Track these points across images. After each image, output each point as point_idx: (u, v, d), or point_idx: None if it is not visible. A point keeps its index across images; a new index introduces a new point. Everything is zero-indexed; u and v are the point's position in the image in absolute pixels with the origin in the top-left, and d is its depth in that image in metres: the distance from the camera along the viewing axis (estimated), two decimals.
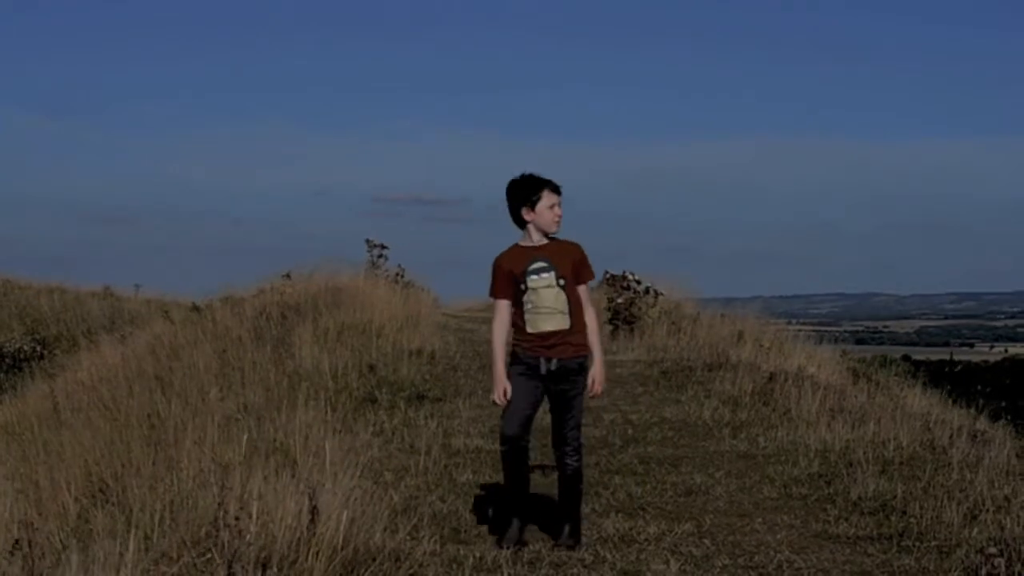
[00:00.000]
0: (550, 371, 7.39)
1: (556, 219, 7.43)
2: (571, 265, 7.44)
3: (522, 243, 7.51)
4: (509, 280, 7.42)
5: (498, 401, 7.45)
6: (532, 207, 7.39)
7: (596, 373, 7.54)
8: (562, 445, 7.57)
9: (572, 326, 7.41)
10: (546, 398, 7.55)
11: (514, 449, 7.47)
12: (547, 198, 7.40)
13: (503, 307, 7.47)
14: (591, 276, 7.65)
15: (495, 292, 7.51)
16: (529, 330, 7.39)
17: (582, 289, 7.52)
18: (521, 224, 7.48)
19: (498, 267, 7.50)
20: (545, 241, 7.46)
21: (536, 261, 7.40)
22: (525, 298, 7.38)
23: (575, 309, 7.44)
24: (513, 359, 7.47)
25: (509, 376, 7.42)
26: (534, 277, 7.37)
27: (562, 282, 7.38)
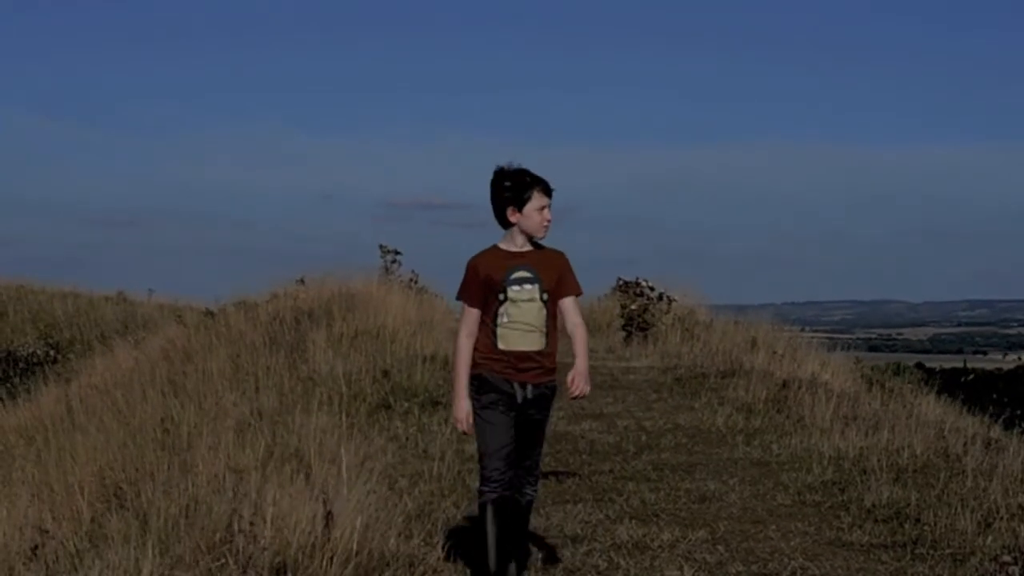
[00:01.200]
0: (526, 399, 6.53)
1: (545, 224, 6.55)
2: (556, 277, 6.56)
3: (502, 245, 6.60)
4: (485, 287, 6.51)
5: (461, 428, 6.60)
6: (519, 207, 6.49)
7: (579, 372, 6.52)
8: (524, 475, 6.66)
9: (547, 346, 6.54)
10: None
11: (500, 494, 6.54)
12: (537, 199, 6.50)
13: (473, 317, 6.56)
14: (577, 290, 6.69)
15: (466, 298, 6.59)
16: (501, 346, 6.49)
17: (567, 302, 6.60)
18: (504, 224, 6.58)
19: (473, 270, 6.58)
20: (529, 247, 6.58)
21: (518, 269, 6.51)
22: (501, 310, 6.48)
23: (552, 328, 6.56)
24: (480, 384, 6.54)
25: (476, 405, 6.54)
26: (516, 288, 6.48)
27: (545, 296, 6.50)
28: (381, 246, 22.25)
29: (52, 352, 26.09)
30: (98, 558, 6.61)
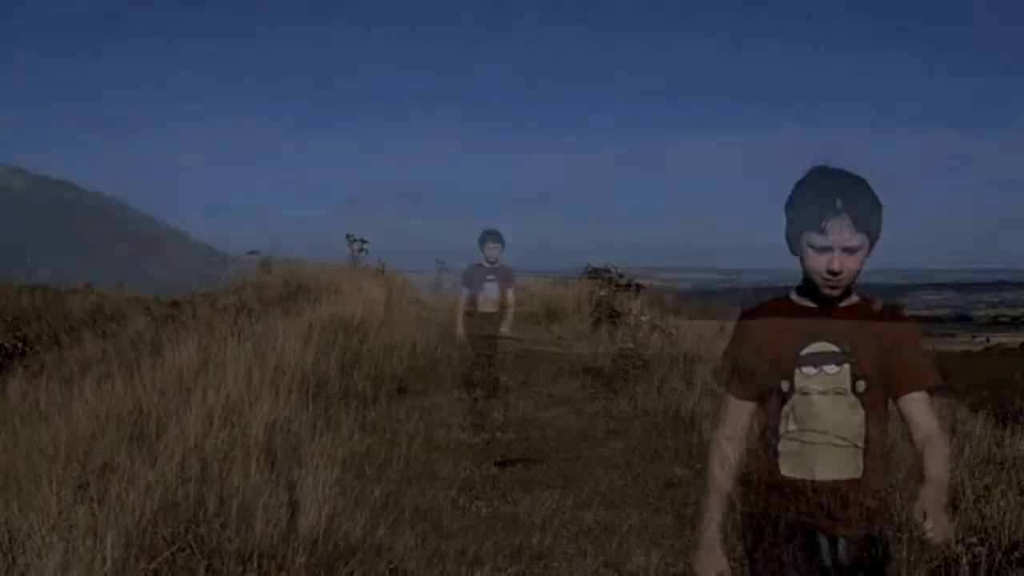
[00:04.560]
0: (836, 561, 3.86)
1: (827, 278, 3.81)
2: (882, 353, 3.80)
3: (796, 298, 3.95)
4: (764, 368, 3.94)
5: None
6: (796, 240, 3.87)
7: (929, 496, 3.75)
8: None
9: (866, 471, 3.85)
10: None
11: None
12: (811, 235, 3.79)
13: (741, 412, 4.04)
14: (931, 378, 3.83)
15: (729, 383, 4.13)
16: (785, 472, 3.86)
17: (914, 400, 3.79)
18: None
19: (746, 337, 4.10)
20: (847, 302, 3.87)
21: (818, 340, 3.84)
22: (786, 408, 3.87)
23: (878, 441, 3.85)
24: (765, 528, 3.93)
25: (757, 560, 3.99)
26: (810, 370, 3.83)
27: (861, 386, 3.81)
28: (348, 235, 22.21)
29: (20, 345, 25.96)
30: (63, 549, 6.57)
